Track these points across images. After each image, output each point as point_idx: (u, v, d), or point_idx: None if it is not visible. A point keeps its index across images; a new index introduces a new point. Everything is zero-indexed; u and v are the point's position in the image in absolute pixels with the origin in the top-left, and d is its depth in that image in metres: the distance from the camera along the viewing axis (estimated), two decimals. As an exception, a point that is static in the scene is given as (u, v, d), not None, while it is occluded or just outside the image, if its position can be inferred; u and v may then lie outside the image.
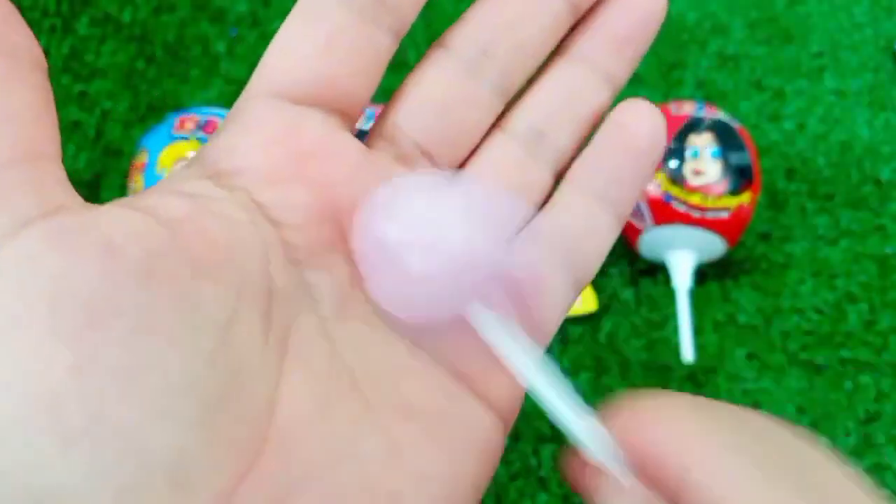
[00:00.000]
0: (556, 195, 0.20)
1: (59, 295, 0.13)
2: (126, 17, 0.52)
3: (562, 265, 0.20)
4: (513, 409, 0.19)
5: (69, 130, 0.48)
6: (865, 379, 0.43)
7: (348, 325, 0.17)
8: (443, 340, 0.18)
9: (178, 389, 0.14)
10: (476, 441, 0.17)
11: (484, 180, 0.19)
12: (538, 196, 0.20)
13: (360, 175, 0.18)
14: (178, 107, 0.49)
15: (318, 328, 0.16)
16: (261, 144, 0.17)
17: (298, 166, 0.17)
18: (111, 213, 0.15)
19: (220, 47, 0.51)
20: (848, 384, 0.43)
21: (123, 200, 0.16)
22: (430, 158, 0.19)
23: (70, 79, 0.49)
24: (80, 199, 0.15)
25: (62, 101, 0.49)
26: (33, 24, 0.51)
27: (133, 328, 0.13)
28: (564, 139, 0.20)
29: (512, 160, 0.20)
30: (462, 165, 0.20)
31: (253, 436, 0.14)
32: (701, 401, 0.16)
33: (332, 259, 0.17)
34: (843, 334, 0.45)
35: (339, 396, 0.16)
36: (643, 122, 0.20)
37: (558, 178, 0.21)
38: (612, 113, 0.20)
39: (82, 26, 0.51)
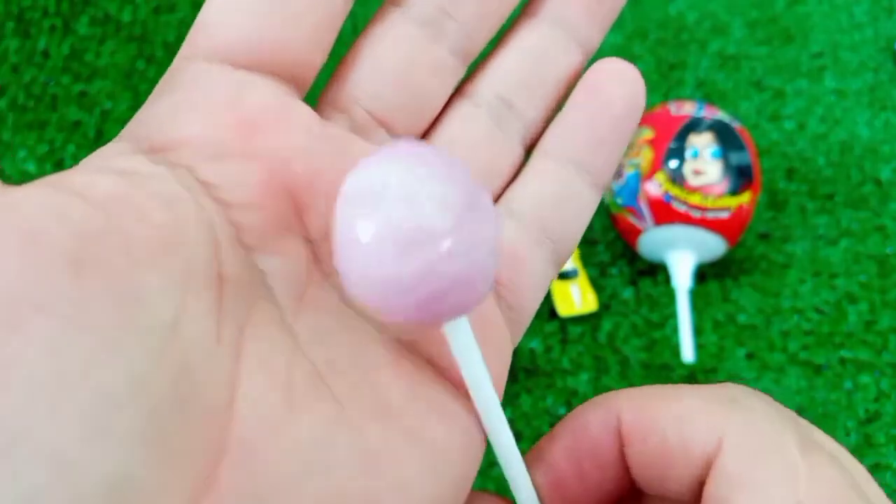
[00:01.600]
0: (529, 166, 0.19)
1: None
2: (126, 17, 0.52)
3: (539, 240, 0.18)
4: None
5: (69, 130, 0.48)
6: (865, 379, 0.43)
7: (309, 315, 0.15)
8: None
9: (118, 400, 0.11)
10: (457, 439, 0.16)
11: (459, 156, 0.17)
12: (509, 169, 0.19)
13: (315, 148, 0.16)
14: (178, 107, 0.48)
15: (277, 320, 0.15)
16: (202, 114, 0.15)
17: (246, 138, 0.15)
18: (32, 194, 0.13)
19: (220, 47, 0.51)
20: (848, 384, 0.43)
21: (45, 179, 0.13)
22: (388, 129, 0.17)
23: (70, 79, 0.49)
24: None
25: (62, 101, 0.49)
26: (33, 24, 0.51)
27: (62, 329, 0.11)
28: (535, 107, 0.19)
29: (479, 131, 0.18)
30: (423, 137, 0.18)
31: (209, 448, 0.13)
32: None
33: (287, 242, 0.15)
34: (843, 334, 0.45)
35: (305, 396, 0.14)
36: (620, 82, 0.18)
37: (529, 148, 0.19)
38: (585, 74, 0.18)
39: (82, 26, 0.51)
